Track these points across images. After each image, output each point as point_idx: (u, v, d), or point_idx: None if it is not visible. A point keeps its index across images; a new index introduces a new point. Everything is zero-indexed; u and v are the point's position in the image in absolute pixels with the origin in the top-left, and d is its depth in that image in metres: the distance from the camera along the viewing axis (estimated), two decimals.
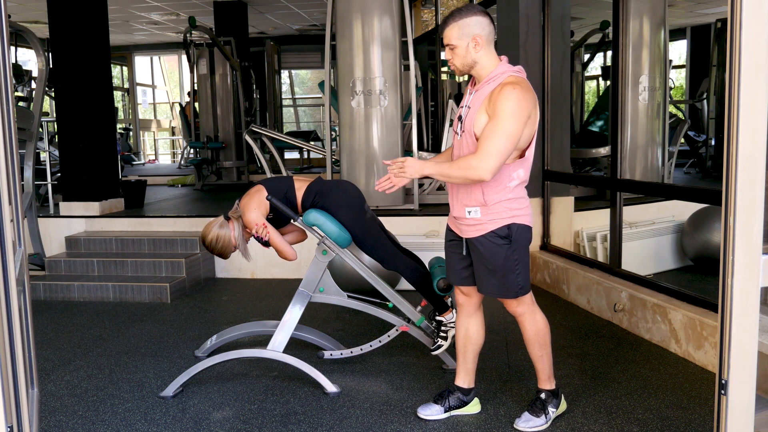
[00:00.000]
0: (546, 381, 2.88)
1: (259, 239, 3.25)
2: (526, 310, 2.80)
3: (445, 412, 2.98)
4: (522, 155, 2.66)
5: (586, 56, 10.95)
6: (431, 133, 9.75)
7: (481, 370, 3.48)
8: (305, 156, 13.51)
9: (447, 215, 2.77)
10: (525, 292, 2.77)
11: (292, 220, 3.40)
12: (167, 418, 3.04)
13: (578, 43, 9.97)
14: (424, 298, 3.47)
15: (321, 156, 10.88)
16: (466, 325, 2.95)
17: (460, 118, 2.71)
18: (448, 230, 2.89)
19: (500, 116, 2.50)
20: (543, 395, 2.87)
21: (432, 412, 2.98)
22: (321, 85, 7.83)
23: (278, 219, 3.39)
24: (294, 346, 3.61)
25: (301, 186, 3.39)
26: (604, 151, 7.46)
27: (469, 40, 2.59)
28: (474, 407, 3.02)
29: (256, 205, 3.27)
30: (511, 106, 2.50)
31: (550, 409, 2.85)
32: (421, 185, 6.29)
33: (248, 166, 10.08)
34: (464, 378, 3.00)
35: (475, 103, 2.62)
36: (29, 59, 13.79)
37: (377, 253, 3.42)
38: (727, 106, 1.63)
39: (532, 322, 2.81)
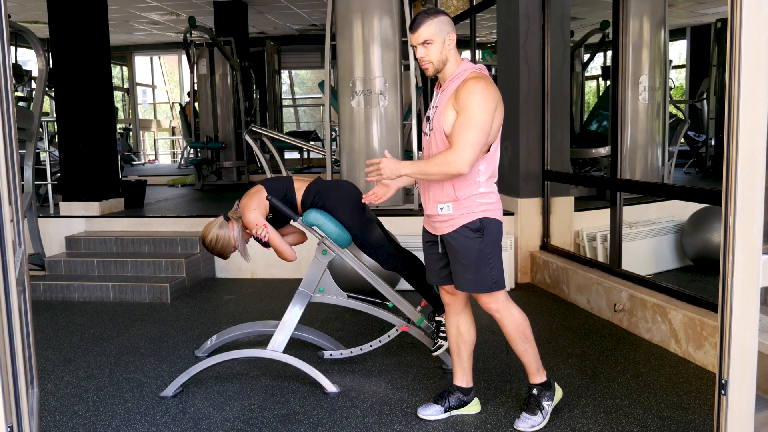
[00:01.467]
0: (535, 374, 2.88)
1: (259, 240, 3.25)
2: (501, 307, 2.82)
3: (445, 412, 2.98)
4: (488, 150, 2.70)
5: (586, 56, 10.94)
6: None
7: (481, 370, 3.48)
8: (305, 156, 13.51)
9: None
10: (499, 287, 2.79)
11: (291, 221, 3.40)
12: (167, 418, 3.04)
13: (578, 43, 9.97)
14: (424, 298, 3.47)
15: (321, 156, 10.88)
16: (456, 323, 2.98)
17: (428, 118, 2.77)
18: (424, 231, 2.94)
19: (469, 109, 2.56)
20: (535, 390, 2.87)
21: (432, 412, 2.98)
22: (321, 85, 7.83)
23: (278, 219, 3.39)
24: (294, 346, 3.61)
25: (300, 186, 3.39)
26: (604, 151, 7.46)
27: (445, 36, 2.66)
28: (474, 407, 3.02)
29: (255, 205, 3.27)
30: (477, 99, 2.56)
31: (545, 404, 2.86)
32: None
33: (248, 166, 10.08)
34: (462, 377, 3.01)
35: (442, 101, 2.69)
36: (29, 59, 13.79)
37: (377, 254, 3.42)
38: (727, 106, 1.63)
39: (510, 317, 2.83)
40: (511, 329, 2.83)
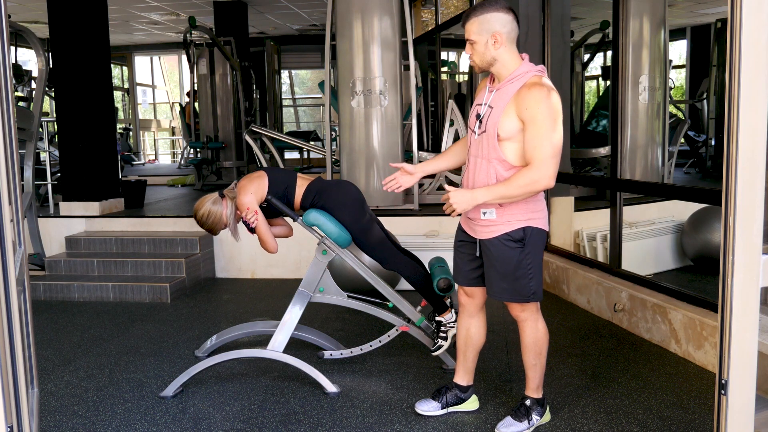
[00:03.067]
0: (534, 390, 2.82)
1: (247, 224, 3.23)
2: (530, 317, 2.73)
3: (442, 408, 2.98)
4: None
5: (586, 56, 10.95)
6: (431, 133, 9.74)
7: (481, 370, 3.48)
8: (305, 156, 13.51)
9: (446, 215, 2.77)
10: (537, 299, 2.69)
11: (291, 220, 3.40)
12: (167, 418, 3.04)
13: (578, 43, 9.97)
14: (424, 298, 3.47)
15: (321, 156, 10.88)
16: (467, 325, 2.93)
17: (478, 116, 2.62)
18: (460, 230, 2.83)
19: (540, 121, 2.43)
20: (528, 402, 2.82)
21: (429, 407, 2.99)
22: (321, 85, 7.83)
23: (270, 210, 3.37)
24: (294, 346, 3.61)
25: (302, 184, 3.38)
26: (604, 151, 7.47)
27: (489, 37, 2.50)
28: (471, 404, 3.02)
29: (253, 189, 3.25)
30: (546, 109, 2.43)
31: (534, 417, 2.80)
32: (420, 185, 6.29)
33: (248, 166, 10.07)
34: (463, 376, 3.01)
35: (497, 102, 2.54)
36: (29, 59, 13.78)
37: (377, 254, 3.42)
38: (727, 106, 1.63)
39: (534, 329, 2.74)
40: (530, 341, 2.75)
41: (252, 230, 3.27)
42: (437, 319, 3.39)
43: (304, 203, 3.37)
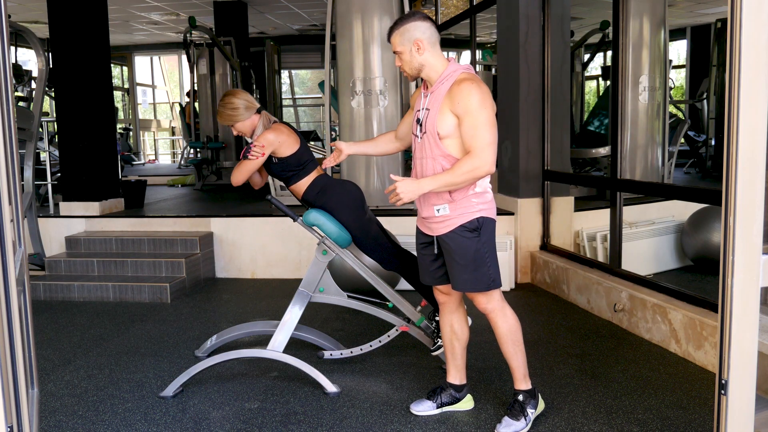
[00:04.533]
0: (522, 380, 2.87)
1: (247, 150, 3.21)
2: (496, 306, 2.82)
3: (437, 408, 3.00)
4: None
5: (586, 56, 10.94)
6: None
7: (481, 369, 3.49)
8: None
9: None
10: (497, 286, 2.79)
11: (292, 220, 3.40)
12: (167, 418, 3.04)
13: (578, 43, 9.97)
14: (424, 298, 3.47)
15: (321, 156, 10.87)
16: (450, 321, 2.99)
17: (418, 120, 2.75)
18: (419, 233, 2.93)
19: (473, 111, 2.56)
20: (520, 397, 2.86)
21: (424, 408, 3.01)
22: (321, 85, 7.83)
23: (271, 165, 3.33)
24: (294, 346, 3.61)
25: (314, 174, 3.37)
26: (604, 151, 7.46)
27: (411, 45, 2.65)
28: (467, 404, 3.04)
29: (281, 140, 3.23)
30: (478, 99, 2.56)
31: (529, 411, 2.84)
32: None
33: None
34: (455, 374, 3.03)
35: (433, 104, 2.67)
36: (29, 59, 13.78)
37: (377, 254, 3.43)
38: (727, 106, 1.63)
39: (503, 318, 2.82)
40: (504, 330, 2.82)
41: (244, 157, 3.23)
42: (437, 318, 3.39)
43: (307, 195, 3.35)
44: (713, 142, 10.14)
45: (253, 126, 3.34)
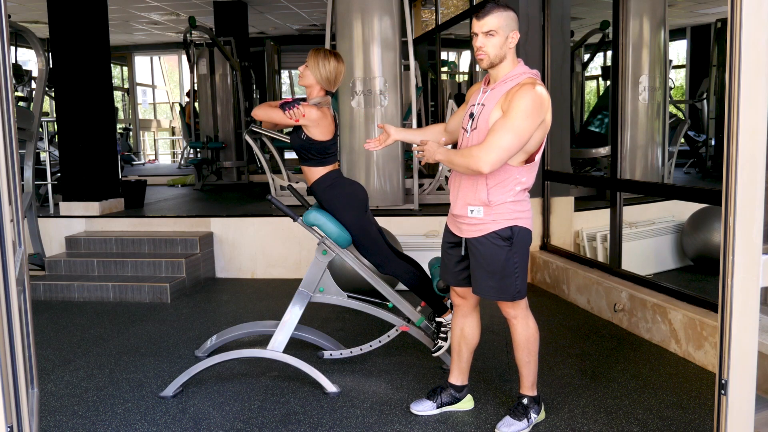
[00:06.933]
0: (529, 388, 2.85)
1: (288, 105, 3.21)
2: (520, 314, 2.78)
3: (437, 408, 3.00)
4: (531, 159, 2.64)
5: (586, 56, 10.94)
6: None
7: (481, 370, 3.49)
8: None
9: (447, 215, 2.76)
10: (522, 297, 2.74)
11: (292, 220, 3.39)
12: (167, 418, 3.04)
13: (578, 43, 9.96)
14: (423, 300, 3.47)
15: None
16: (462, 325, 2.96)
17: (471, 115, 2.68)
18: (447, 232, 2.87)
19: (513, 113, 2.48)
20: (525, 400, 2.85)
21: (424, 407, 3.00)
22: None
23: (297, 137, 3.33)
24: (294, 346, 3.61)
25: (331, 166, 3.35)
26: (604, 151, 7.46)
27: (509, 33, 2.57)
28: (467, 404, 3.03)
29: (318, 122, 3.22)
30: (526, 105, 2.48)
31: (533, 414, 2.83)
32: (421, 185, 6.29)
33: (248, 166, 10.08)
34: (458, 376, 3.02)
35: (490, 101, 2.61)
36: (29, 59, 13.78)
37: (375, 258, 3.41)
38: (727, 106, 1.63)
39: (525, 326, 2.79)
40: (522, 338, 2.79)
41: (282, 107, 3.23)
42: (437, 319, 3.39)
43: (317, 185, 3.32)
44: (713, 142, 10.14)
45: (312, 93, 3.32)
